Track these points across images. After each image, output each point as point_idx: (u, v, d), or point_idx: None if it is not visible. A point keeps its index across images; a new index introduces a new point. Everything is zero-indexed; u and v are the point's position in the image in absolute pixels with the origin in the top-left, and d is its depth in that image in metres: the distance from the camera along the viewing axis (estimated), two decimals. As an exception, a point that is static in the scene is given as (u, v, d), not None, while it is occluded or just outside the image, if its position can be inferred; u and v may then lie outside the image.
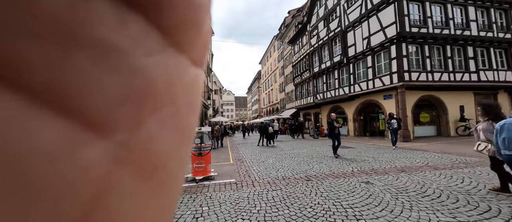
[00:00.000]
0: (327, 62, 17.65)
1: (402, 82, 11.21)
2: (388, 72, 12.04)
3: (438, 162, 5.82)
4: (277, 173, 5.35)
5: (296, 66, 24.82)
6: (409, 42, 11.61)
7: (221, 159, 7.81)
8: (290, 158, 7.54)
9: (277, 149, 10.12)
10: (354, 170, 5.37)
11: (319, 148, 9.86)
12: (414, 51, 11.94)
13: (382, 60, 12.64)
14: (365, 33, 13.44)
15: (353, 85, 14.79)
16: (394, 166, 5.64)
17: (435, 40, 11.85)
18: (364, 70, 13.96)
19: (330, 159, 7.02)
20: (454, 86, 12.15)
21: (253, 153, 9.22)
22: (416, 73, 11.53)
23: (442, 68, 12.09)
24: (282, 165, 6.28)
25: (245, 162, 7.02)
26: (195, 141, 4.90)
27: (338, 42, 16.22)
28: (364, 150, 8.72)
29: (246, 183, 4.59)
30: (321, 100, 18.77)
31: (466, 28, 12.24)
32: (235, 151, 10.21)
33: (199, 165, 4.80)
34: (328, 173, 5.17)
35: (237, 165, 6.58)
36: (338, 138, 7.31)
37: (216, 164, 6.95)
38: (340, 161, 6.58)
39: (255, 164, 6.62)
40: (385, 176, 4.65)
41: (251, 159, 7.57)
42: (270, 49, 40.53)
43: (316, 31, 19.46)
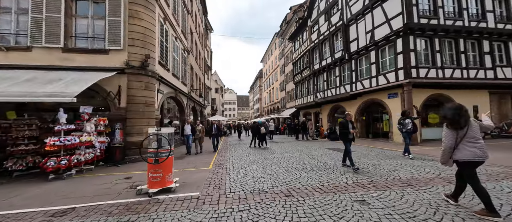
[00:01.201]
0: (328, 59, 16.59)
1: (409, 79, 10.11)
2: (393, 69, 10.94)
3: (453, 173, 4.80)
4: (255, 184, 4.42)
5: (296, 63, 23.78)
6: (418, 35, 10.48)
7: (200, 163, 6.92)
8: (278, 163, 6.60)
9: (267, 152, 9.19)
10: (349, 181, 4.40)
11: (314, 151, 8.88)
12: (422, 45, 10.80)
13: (387, 55, 11.53)
14: (369, 26, 12.34)
15: (355, 83, 13.70)
16: (398, 177, 4.64)
17: (446, 32, 10.68)
18: (367, 67, 12.87)
19: (322, 166, 6.05)
20: (468, 84, 10.96)
21: (240, 156, 8.31)
22: (424, 69, 10.41)
23: (454, 64, 10.92)
24: (265, 173, 5.35)
25: (225, 168, 6.12)
26: (152, 145, 4.01)
27: (340, 37, 15.14)
28: (365, 154, 7.71)
29: (211, 199, 3.68)
30: (321, 99, 17.71)
31: (481, 19, 11.03)
32: (223, 153, 9.32)
33: (155, 174, 3.91)
34: (316, 185, 4.21)
35: (213, 172, 5.68)
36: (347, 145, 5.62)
37: (191, 169, 6.07)
38: (334, 169, 5.60)
39: (234, 171, 5.71)
40: (386, 193, 3.68)
41: (233, 164, 6.66)
42: (272, 46, 39.47)
43: (317, 26, 18.39)
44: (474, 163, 2.74)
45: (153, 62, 8.10)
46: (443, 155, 2.95)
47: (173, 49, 10.97)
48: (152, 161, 3.92)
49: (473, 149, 2.71)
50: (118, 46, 7.31)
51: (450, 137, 2.84)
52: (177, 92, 11.41)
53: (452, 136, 2.83)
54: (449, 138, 2.86)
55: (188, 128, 9.26)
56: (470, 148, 2.73)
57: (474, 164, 2.75)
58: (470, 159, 2.72)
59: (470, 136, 2.75)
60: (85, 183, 4.92)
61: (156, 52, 8.46)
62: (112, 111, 7.28)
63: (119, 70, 7.22)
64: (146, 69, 7.61)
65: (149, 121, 7.71)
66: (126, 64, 7.28)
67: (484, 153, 2.71)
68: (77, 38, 7.41)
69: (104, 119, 6.87)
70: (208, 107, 29.15)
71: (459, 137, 2.78)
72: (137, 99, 7.44)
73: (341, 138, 5.77)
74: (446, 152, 2.90)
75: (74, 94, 5.31)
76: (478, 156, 2.70)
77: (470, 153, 2.72)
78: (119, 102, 7.30)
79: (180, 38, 12.19)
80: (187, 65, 14.45)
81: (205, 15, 25.85)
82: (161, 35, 9.07)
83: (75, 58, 7.13)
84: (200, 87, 19.38)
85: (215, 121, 8.67)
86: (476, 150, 2.70)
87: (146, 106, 7.63)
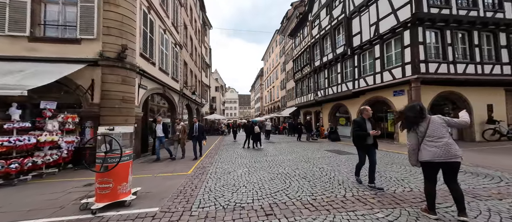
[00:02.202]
0: (329, 55, 15.68)
1: (417, 74, 9.19)
2: (399, 64, 10.01)
3: (475, 184, 3.93)
4: (232, 196, 3.61)
5: (296, 60, 22.89)
6: (427, 27, 9.54)
7: (180, 167, 6.12)
8: (268, 167, 5.77)
9: (260, 154, 8.37)
10: (347, 194, 3.56)
11: (311, 153, 8.03)
12: (432, 38, 9.86)
13: (393, 49, 10.60)
14: (373, 18, 11.41)
15: (358, 80, 12.79)
16: (408, 188, 3.78)
17: (459, 24, 9.72)
18: (371, 62, 11.94)
19: (318, 172, 5.21)
20: (482, 81, 9.99)
21: (229, 158, 7.51)
22: (434, 64, 9.47)
23: (467, 59, 9.96)
24: (249, 181, 4.53)
25: (205, 173, 5.32)
26: (101, 148, 3.22)
27: (342, 31, 14.22)
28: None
29: (170, 217, 2.88)
30: (322, 97, 16.81)
31: (498, 9, 10.03)
32: (212, 154, 8.53)
33: (103, 185, 3.12)
34: (306, 199, 3.38)
35: (191, 178, 4.88)
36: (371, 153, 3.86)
37: (166, 174, 5.28)
38: (331, 177, 4.75)
39: (215, 177, 4.91)
40: (395, 212, 2.83)
41: (217, 168, 5.86)
42: (272, 44, 38.57)
43: (317, 21, 17.47)
44: (433, 163, 2.54)
45: (133, 53, 7.33)
46: (409, 156, 2.81)
47: (161, 42, 10.19)
48: (98, 168, 3.12)
49: (433, 148, 2.52)
50: (91, 35, 6.55)
51: (411, 137, 2.74)
52: (166, 89, 10.65)
53: (413, 136, 2.72)
54: (410, 138, 2.76)
55: (159, 128, 7.47)
56: (430, 147, 2.55)
57: (434, 164, 2.55)
58: (428, 159, 2.55)
59: (431, 134, 2.57)
60: (33, 192, 4.17)
61: (137, 43, 7.69)
62: (84, 107, 6.53)
63: (91, 62, 6.46)
64: (124, 61, 6.83)
65: (127, 119, 6.95)
66: (99, 55, 6.52)
67: (448, 153, 2.44)
68: (46, 26, 6.66)
69: (74, 116, 6.12)
70: (206, 106, 28.41)
71: (420, 136, 2.66)
72: (113, 95, 6.68)
73: (356, 142, 3.95)
74: (410, 153, 2.77)
75: (27, 88, 4.55)
76: (438, 156, 2.48)
77: (429, 152, 2.54)
78: (91, 97, 6.54)
79: (170, 31, 11.41)
80: (180, 61, 13.69)
81: (202, 10, 25.08)
82: (145, 25, 8.29)
83: (43, 49, 6.38)
84: (195, 85, 18.61)
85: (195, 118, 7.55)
86: (436, 150, 2.49)
87: (123, 102, 6.85)
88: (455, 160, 2.45)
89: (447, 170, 2.52)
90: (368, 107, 3.97)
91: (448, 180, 2.55)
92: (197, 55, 21.06)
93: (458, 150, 2.49)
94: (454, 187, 2.49)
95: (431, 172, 2.62)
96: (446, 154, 2.45)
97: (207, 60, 29.12)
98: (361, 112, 4.05)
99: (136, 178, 4.95)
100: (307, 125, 13.92)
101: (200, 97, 21.98)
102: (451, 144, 2.49)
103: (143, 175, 5.26)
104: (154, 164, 6.65)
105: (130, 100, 7.11)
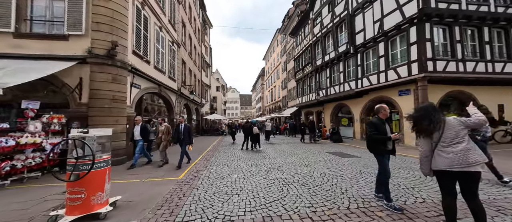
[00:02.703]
0: (331, 54, 15.22)
1: (424, 73, 8.72)
2: (405, 62, 9.55)
3: (495, 193, 3.50)
4: (222, 207, 3.23)
5: (297, 59, 22.45)
6: (435, 23, 9.07)
7: (171, 171, 5.75)
8: (265, 172, 5.38)
9: (258, 156, 7.97)
10: (351, 205, 3.16)
11: (312, 156, 7.62)
12: (440, 35, 9.38)
13: (398, 46, 10.14)
14: (377, 14, 10.95)
15: (361, 79, 12.33)
16: (421, 199, 3.37)
17: (468, 19, 9.23)
18: (375, 61, 11.49)
19: (319, 177, 4.80)
20: (493, 79, 9.49)
21: (225, 160, 7.13)
22: (442, 62, 8.99)
23: (477, 57, 9.46)
24: (244, 187, 4.14)
25: (198, 178, 4.94)
26: (73, 154, 2.85)
27: (344, 28, 13.76)
28: (372, 161, 6.41)
29: (147, 234, 2.50)
30: (323, 97, 16.37)
31: (510, 4, 9.52)
32: (208, 156, 8.16)
33: (75, 195, 2.76)
34: (304, 212, 2.99)
35: (180, 184, 4.50)
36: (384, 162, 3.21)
37: (154, 179, 4.91)
38: (333, 183, 4.34)
39: (208, 183, 4.53)
40: (408, 231, 2.43)
41: (211, 172, 5.48)
42: (274, 43, 38.13)
43: (319, 19, 17.03)
44: (450, 173, 2.14)
45: (125, 51, 6.98)
46: (420, 163, 2.42)
47: (157, 40, 9.85)
48: (68, 176, 2.76)
49: (449, 155, 2.13)
50: (79, 31, 6.21)
51: (424, 143, 2.36)
52: (162, 88, 10.30)
53: (425, 142, 2.34)
54: (422, 143, 2.38)
55: (137, 130, 6.37)
56: (446, 154, 2.16)
57: (450, 174, 2.15)
58: (443, 168, 2.17)
59: (446, 139, 2.18)
60: (7, 199, 3.82)
61: (130, 40, 7.34)
62: (72, 107, 6.20)
63: (79, 60, 6.12)
64: (114, 58, 6.49)
65: (118, 119, 6.60)
66: (88, 52, 6.18)
67: (466, 160, 2.05)
68: (33, 22, 6.34)
69: (60, 116, 5.79)
70: (206, 106, 28.09)
71: (434, 142, 2.27)
72: (102, 94, 6.33)
73: (372, 148, 3.28)
74: (422, 160, 2.38)
75: (4, 86, 4.21)
76: (456, 164, 2.09)
77: (445, 160, 2.16)
78: (79, 97, 6.21)
79: (166, 28, 11.07)
80: (178, 60, 13.35)
81: (202, 9, 24.76)
82: (138, 22, 7.94)
83: (29, 45, 6.06)
84: (193, 84, 18.27)
85: (182, 117, 6.62)
86: (453, 157, 2.11)
87: (114, 102, 6.51)
88: (474, 170, 2.03)
89: (465, 181, 2.12)
90: (386, 106, 3.31)
91: (466, 194, 2.15)
92: (196, 54, 20.73)
93: (479, 156, 2.05)
94: (474, 203, 2.09)
95: (447, 183, 2.23)
96: (464, 161, 2.05)
97: (207, 60, 28.79)
98: (377, 111, 3.38)
99: (122, 183, 4.59)
100: (311, 126, 13.30)
101: (199, 97, 21.65)
102: (470, 149, 2.09)
103: (130, 180, 4.90)
104: (144, 168, 6.28)
105: (121, 100, 6.76)
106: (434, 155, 2.27)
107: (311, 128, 13.15)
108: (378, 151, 3.24)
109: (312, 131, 13.09)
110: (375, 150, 3.28)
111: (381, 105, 3.34)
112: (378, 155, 3.25)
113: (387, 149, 3.19)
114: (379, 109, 3.33)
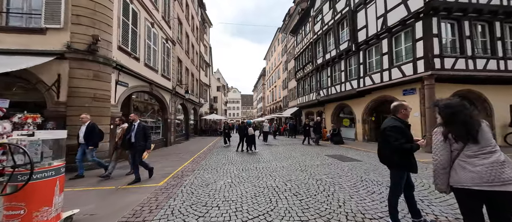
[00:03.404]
0: (332, 52, 14.67)
1: (431, 71, 8.14)
2: (410, 59, 8.97)
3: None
4: (196, 223, 2.73)
5: (298, 58, 21.91)
6: (443, 17, 8.48)
7: (155, 175, 5.26)
8: (255, 179, 4.87)
9: (252, 159, 7.46)
10: (350, 224, 2.64)
11: (309, 160, 7.08)
12: (448, 30, 8.80)
13: (403, 43, 9.56)
14: (380, 10, 10.38)
15: (363, 78, 11.76)
16: (433, 216, 2.83)
17: (479, 14, 8.62)
18: (378, 59, 10.91)
19: (314, 185, 4.27)
20: (505, 78, 8.86)
21: (215, 164, 6.63)
22: (450, 59, 8.40)
23: (488, 54, 8.85)
24: (227, 198, 3.64)
25: (179, 186, 4.45)
26: (8, 162, 2.37)
27: (346, 25, 13.20)
28: (375, 166, 5.87)
29: (92, 262, 2.01)
30: (324, 97, 15.80)
31: (524, -2, 8.88)
32: (199, 159, 7.67)
33: (12, 211, 2.28)
34: (292, 232, 2.47)
35: (158, 193, 4.01)
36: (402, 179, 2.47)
37: (131, 187, 4.42)
38: (329, 193, 3.81)
39: (188, 192, 4.03)
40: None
41: (196, 178, 4.98)
42: (274, 43, 37.62)
43: (320, 16, 16.48)
44: (476, 192, 1.59)
45: (108, 46, 6.53)
46: (435, 177, 1.84)
47: (148, 36, 9.41)
48: (5, 188, 2.28)
49: (477, 168, 1.59)
50: (57, 24, 5.78)
51: (441, 148, 1.78)
52: (154, 87, 9.85)
53: (444, 147, 1.77)
54: (439, 149, 1.80)
55: (82, 132, 5.05)
56: (472, 166, 1.62)
57: (477, 194, 1.60)
58: (467, 185, 1.62)
59: (474, 147, 1.64)
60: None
61: (115, 35, 6.90)
62: (49, 106, 5.76)
63: (57, 55, 5.68)
64: (95, 54, 6.04)
65: (100, 119, 6.14)
66: (67, 46, 5.74)
67: (499, 177, 1.52)
68: (9, 14, 5.92)
69: (35, 116, 5.35)
70: (205, 106, 27.67)
71: (455, 149, 1.72)
72: (82, 92, 5.89)
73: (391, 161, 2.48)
74: (438, 173, 1.81)
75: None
76: (486, 181, 1.55)
77: (470, 175, 1.61)
78: (57, 95, 5.76)
79: (159, 25, 10.63)
80: (173, 58, 12.91)
81: (201, 8, 24.35)
82: (125, 16, 7.50)
83: (4, 40, 5.65)
84: (189, 83, 17.83)
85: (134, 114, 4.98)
86: (483, 170, 1.57)
87: (95, 100, 6.06)
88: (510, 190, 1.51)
89: (496, 204, 1.59)
90: (406, 104, 2.56)
91: (496, 220, 1.62)
92: (194, 53, 20.30)
93: None
94: None
95: (472, 205, 1.66)
96: (497, 178, 1.53)
97: (207, 59, 28.38)
98: (394, 110, 2.56)
99: (93, 191, 4.12)
100: (316, 126, 12.21)
101: (197, 96, 21.22)
102: (505, 162, 1.57)
103: (104, 187, 4.43)
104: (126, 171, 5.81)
105: (104, 99, 6.31)
106: (454, 166, 1.72)
107: (316, 129, 12.04)
108: (401, 166, 2.41)
109: (317, 132, 11.99)
110: (396, 164, 2.43)
111: (401, 102, 2.57)
112: (398, 170, 2.45)
113: (412, 161, 2.40)
114: (397, 107, 2.54)
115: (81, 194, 3.99)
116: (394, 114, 2.55)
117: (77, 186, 4.43)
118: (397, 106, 2.54)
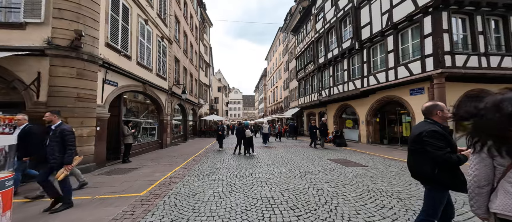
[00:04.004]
0: (334, 51, 14.14)
1: (441, 69, 7.59)
2: (418, 57, 8.43)
3: None
4: (170, 248, 2.25)
5: (299, 58, 21.41)
6: (453, 11, 7.94)
7: (140, 183, 4.80)
8: (249, 187, 4.38)
9: (249, 163, 6.97)
10: (358, 252, 2.13)
11: (310, 165, 6.56)
12: (460, 25, 8.25)
13: (410, 40, 9.01)
14: (386, 5, 9.85)
15: (367, 78, 11.22)
16: (458, 240, 2.32)
17: (493, 8, 8.06)
18: (383, 57, 10.38)
19: (315, 196, 3.77)
20: (521, 77, 8.26)
21: (208, 169, 6.15)
22: (462, 56, 7.85)
23: (503, 50, 8.28)
24: (212, 212, 3.15)
25: (163, 195, 3.97)
26: None
27: (349, 23, 12.67)
28: (381, 172, 5.35)
29: None
30: (326, 97, 15.26)
31: (541, -9, 8.29)
32: (193, 163, 7.20)
33: None
34: (285, 264, 1.97)
35: (136, 204, 3.54)
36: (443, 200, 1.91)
37: (111, 196, 3.96)
38: (331, 207, 3.30)
39: (170, 204, 3.55)
40: None
41: (185, 186, 4.51)
42: (276, 43, 37.14)
43: (322, 14, 15.97)
44: None
45: (94, 42, 6.10)
46: (471, 198, 1.38)
47: (142, 34, 8.99)
48: None
49: None
50: (37, 18, 5.36)
51: (479, 161, 1.30)
52: (147, 86, 9.42)
53: (481, 159, 1.29)
54: (476, 163, 1.32)
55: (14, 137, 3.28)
56: None
57: None
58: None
59: None
60: None
61: (102, 31, 6.47)
62: (28, 107, 5.34)
63: (37, 52, 5.26)
64: (79, 50, 5.61)
65: (83, 121, 5.71)
66: (47, 42, 5.32)
67: None
68: (-13, 8, 5.52)
69: (11, 117, 4.94)
70: (205, 106, 27.26)
71: (499, 164, 1.23)
72: (64, 91, 5.46)
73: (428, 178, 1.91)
74: (475, 193, 1.34)
75: None
76: None
77: None
78: (37, 95, 5.34)
79: (154, 22, 10.21)
80: (169, 57, 12.49)
81: (201, 7, 23.97)
82: (114, 11, 7.08)
83: (-20, 35, 5.24)
84: (187, 83, 17.41)
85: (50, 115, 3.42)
86: None
87: (79, 100, 5.63)
88: None
89: None
90: (442, 104, 2.00)
91: None
92: (193, 53, 19.90)
93: None
94: None
95: None
96: None
97: (207, 59, 27.99)
98: (427, 112, 2.02)
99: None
100: (323, 128, 11.28)
101: (197, 97, 20.81)
102: None
103: (80, 196, 3.97)
104: (111, 177, 5.37)
105: (89, 99, 5.88)
106: (499, 187, 1.26)
107: (322, 131, 11.25)
108: (444, 184, 1.85)
109: (323, 134, 11.19)
110: (437, 181, 1.86)
111: (435, 102, 2.01)
112: (439, 190, 1.89)
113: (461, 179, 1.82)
114: (430, 109, 1.99)
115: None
116: (428, 117, 2.01)
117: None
118: (430, 108, 2.00)
